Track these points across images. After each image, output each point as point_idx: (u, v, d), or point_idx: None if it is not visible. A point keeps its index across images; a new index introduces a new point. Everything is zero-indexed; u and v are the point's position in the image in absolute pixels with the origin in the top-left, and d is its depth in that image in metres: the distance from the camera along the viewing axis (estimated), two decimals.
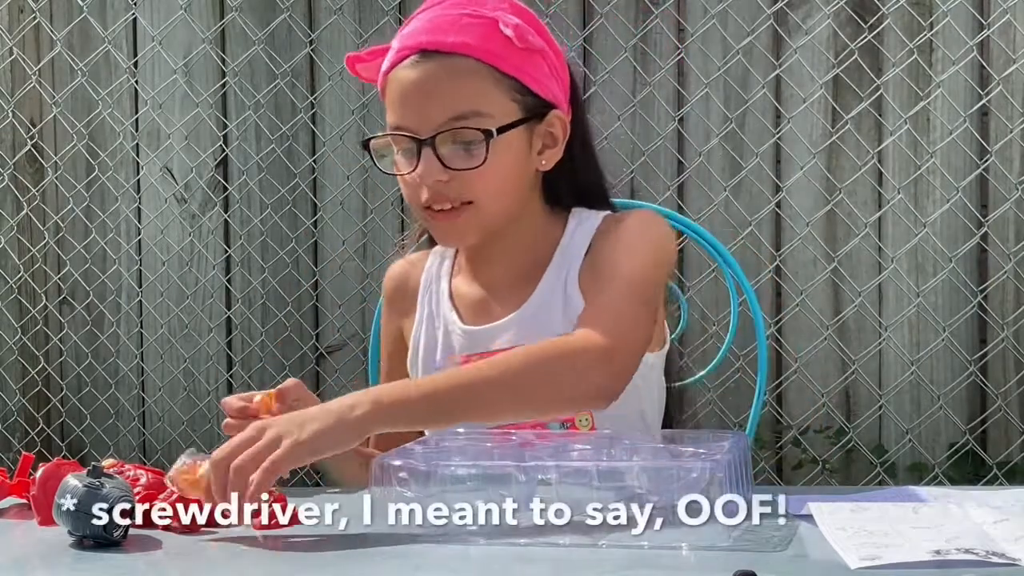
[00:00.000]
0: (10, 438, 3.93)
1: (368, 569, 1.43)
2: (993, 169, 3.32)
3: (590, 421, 1.88)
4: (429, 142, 1.82)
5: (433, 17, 1.86)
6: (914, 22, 3.35)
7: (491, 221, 1.87)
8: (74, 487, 1.47)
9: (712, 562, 1.41)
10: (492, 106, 1.83)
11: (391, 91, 1.86)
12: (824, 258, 3.40)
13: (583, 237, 1.91)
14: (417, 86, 1.83)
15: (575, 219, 1.93)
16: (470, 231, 1.87)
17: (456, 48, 1.83)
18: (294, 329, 3.70)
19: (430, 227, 1.91)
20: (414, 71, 1.84)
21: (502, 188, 1.85)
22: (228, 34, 3.75)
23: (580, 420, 1.88)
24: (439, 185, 1.83)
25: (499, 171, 1.83)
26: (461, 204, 1.84)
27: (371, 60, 1.92)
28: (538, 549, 1.46)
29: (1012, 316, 3.32)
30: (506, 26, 1.83)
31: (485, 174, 1.82)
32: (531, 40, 1.84)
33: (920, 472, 3.36)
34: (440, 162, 1.82)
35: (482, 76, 1.83)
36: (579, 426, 1.88)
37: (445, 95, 1.82)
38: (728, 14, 3.39)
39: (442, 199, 1.84)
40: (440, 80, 1.82)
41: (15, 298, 3.92)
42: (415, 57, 1.84)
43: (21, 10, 3.90)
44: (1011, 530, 1.44)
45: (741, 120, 3.44)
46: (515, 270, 1.92)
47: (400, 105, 1.84)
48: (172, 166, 3.79)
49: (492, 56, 1.83)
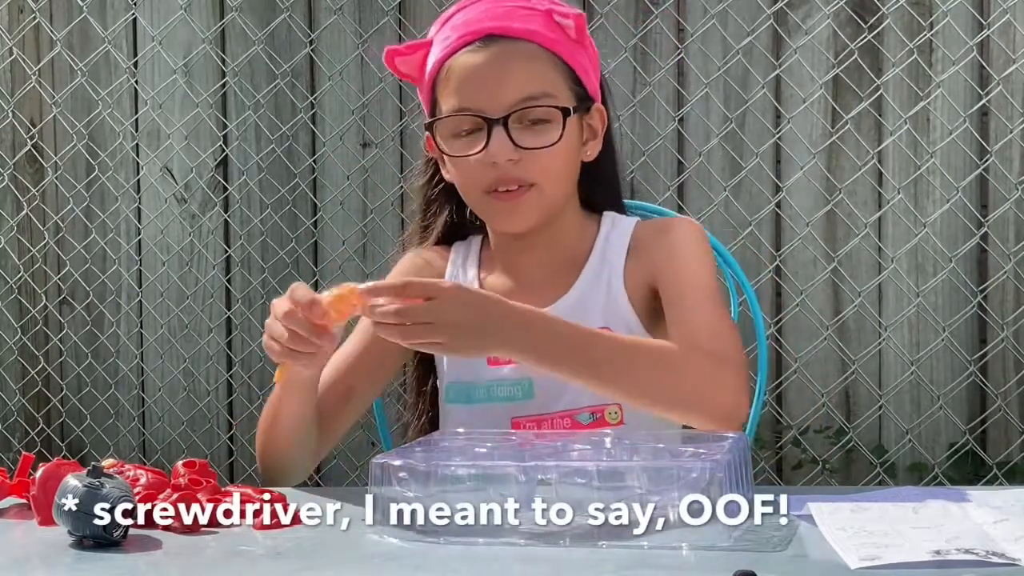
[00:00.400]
0: (10, 438, 3.93)
1: (368, 569, 1.43)
2: (993, 169, 3.32)
3: (619, 415, 1.89)
4: (502, 121, 1.85)
5: (489, 7, 1.90)
6: (914, 22, 3.35)
7: (551, 205, 1.91)
8: (74, 487, 1.47)
9: (712, 562, 1.41)
10: (557, 91, 1.88)
11: (454, 75, 1.88)
12: (824, 258, 3.40)
13: (619, 240, 1.94)
14: (488, 68, 1.86)
15: (608, 221, 1.98)
16: (532, 213, 1.90)
17: (523, 34, 1.88)
18: None
19: (490, 210, 1.91)
20: (483, 54, 1.87)
21: (563, 172, 1.90)
22: (228, 34, 3.75)
23: (609, 413, 1.89)
24: (508, 165, 1.85)
25: (563, 154, 1.88)
26: (525, 186, 1.87)
27: (411, 54, 1.94)
28: (538, 549, 1.46)
29: (1012, 316, 3.32)
30: (564, 17, 1.88)
31: (552, 155, 1.86)
32: (583, 34, 1.90)
33: (920, 472, 3.36)
34: (512, 141, 1.84)
35: (548, 62, 1.88)
36: (608, 419, 1.89)
37: (518, 76, 1.86)
38: (728, 14, 3.39)
39: (508, 180, 1.86)
40: (512, 62, 1.86)
41: (15, 298, 3.92)
42: (480, 42, 1.88)
43: (21, 10, 3.90)
44: (1011, 530, 1.44)
45: (741, 120, 3.44)
46: (551, 265, 1.95)
47: (467, 87, 1.87)
48: (172, 166, 3.79)
49: (554, 44, 1.89)
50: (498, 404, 1.90)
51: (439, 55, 1.90)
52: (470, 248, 2.02)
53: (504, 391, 1.90)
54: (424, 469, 1.53)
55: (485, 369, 1.91)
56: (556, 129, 1.86)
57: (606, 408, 1.89)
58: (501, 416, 1.90)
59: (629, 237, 1.95)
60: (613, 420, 1.89)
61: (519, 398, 1.90)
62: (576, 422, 1.88)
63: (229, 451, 3.79)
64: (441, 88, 1.90)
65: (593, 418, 1.88)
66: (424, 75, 1.93)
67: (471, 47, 1.88)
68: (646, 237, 1.95)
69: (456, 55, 1.88)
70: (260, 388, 3.71)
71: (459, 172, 1.90)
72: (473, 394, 1.92)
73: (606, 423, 1.89)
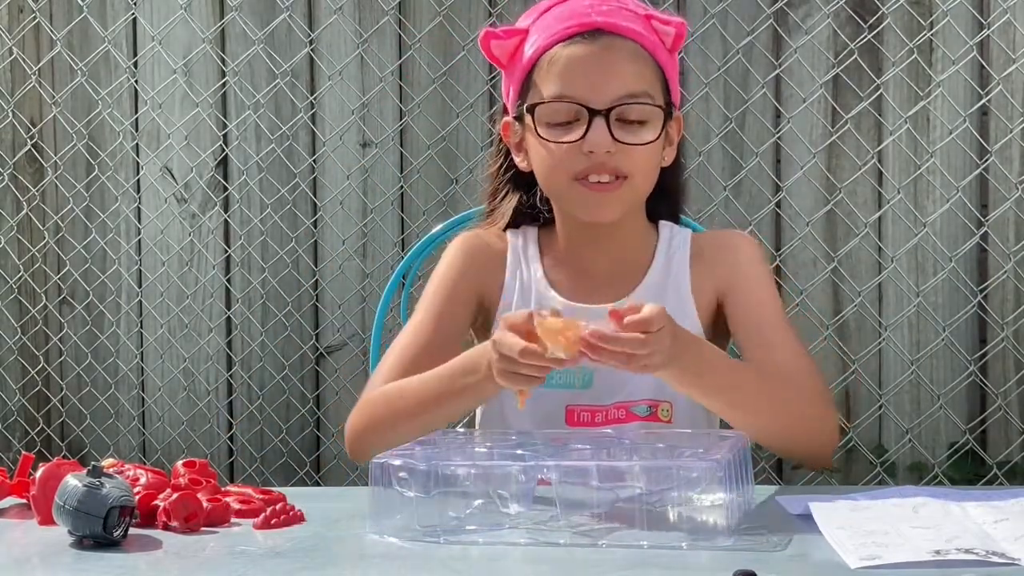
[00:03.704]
0: (10, 438, 3.93)
1: (368, 569, 1.43)
2: (993, 169, 3.32)
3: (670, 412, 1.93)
4: (604, 113, 1.88)
5: (593, 3, 1.95)
6: (914, 22, 3.35)
7: (637, 199, 1.96)
8: (74, 487, 1.47)
9: (712, 562, 1.41)
10: (654, 93, 1.92)
11: (559, 64, 1.91)
12: (824, 258, 3.40)
13: (682, 248, 2.00)
14: (595, 60, 1.90)
15: (667, 228, 2.03)
16: (621, 205, 1.93)
17: (629, 34, 1.92)
18: (294, 329, 3.70)
19: (578, 198, 1.93)
20: (591, 46, 1.91)
21: (653, 169, 1.95)
22: (228, 34, 3.75)
23: (662, 410, 1.93)
24: (604, 156, 1.88)
25: (654, 153, 1.93)
26: (618, 178, 1.90)
27: (507, 38, 1.98)
28: (538, 549, 1.46)
29: (1012, 316, 3.31)
30: (665, 24, 1.94)
31: (646, 152, 1.91)
32: (679, 43, 1.96)
33: (920, 472, 3.36)
34: (611, 134, 1.88)
35: (648, 64, 1.93)
36: (660, 416, 1.93)
37: (623, 73, 1.90)
38: (728, 14, 3.39)
39: (602, 170, 1.89)
40: (619, 58, 1.91)
41: (15, 298, 3.92)
42: (588, 35, 1.91)
43: (21, 10, 3.90)
44: (1011, 530, 1.44)
45: (741, 120, 3.44)
46: (617, 262, 1.99)
47: (573, 77, 1.90)
48: (172, 166, 3.79)
49: (654, 48, 1.94)
50: (554, 391, 1.91)
51: (542, 43, 1.93)
52: (527, 239, 2.03)
53: (564, 378, 1.92)
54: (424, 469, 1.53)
55: None
56: (654, 129, 1.91)
57: (660, 404, 1.92)
58: (556, 404, 1.92)
59: (689, 246, 1.99)
60: (665, 417, 1.93)
61: (576, 386, 1.93)
62: (632, 414, 1.91)
63: (229, 451, 3.79)
64: (541, 75, 1.93)
65: (649, 411, 1.92)
66: (515, 62, 1.97)
67: (578, 39, 1.92)
68: (707, 248, 2.00)
69: (561, 44, 1.92)
70: (260, 388, 3.71)
71: (549, 158, 1.92)
72: None
73: (658, 418, 1.92)
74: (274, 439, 3.71)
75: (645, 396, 1.91)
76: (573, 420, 1.92)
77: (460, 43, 3.54)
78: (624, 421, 1.90)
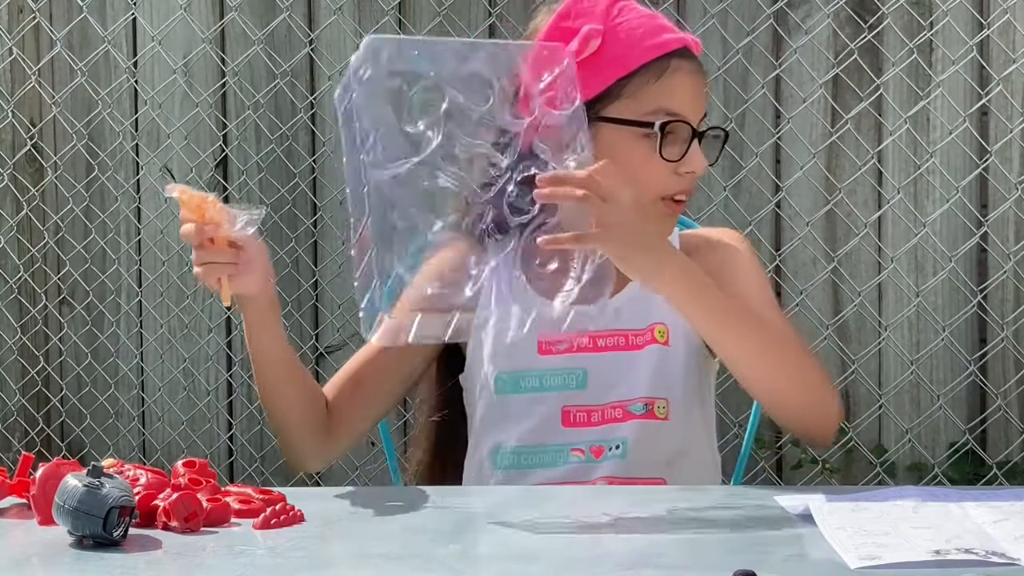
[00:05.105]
0: (10, 438, 3.93)
1: (368, 569, 1.43)
2: (993, 169, 3.32)
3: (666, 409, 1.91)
4: (702, 135, 1.89)
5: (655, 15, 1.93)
6: (914, 22, 3.35)
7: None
8: (74, 487, 1.47)
9: (712, 562, 1.41)
10: None
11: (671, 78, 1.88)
12: (824, 258, 3.40)
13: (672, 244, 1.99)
14: (695, 80, 1.91)
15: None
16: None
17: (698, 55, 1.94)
18: (294, 329, 3.69)
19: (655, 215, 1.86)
20: (692, 64, 1.91)
21: None
22: (228, 34, 3.75)
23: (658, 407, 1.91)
24: (691, 178, 1.89)
25: None
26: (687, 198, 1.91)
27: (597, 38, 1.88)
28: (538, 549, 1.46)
29: (1012, 316, 3.31)
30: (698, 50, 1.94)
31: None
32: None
33: (920, 472, 3.36)
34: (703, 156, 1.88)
35: None
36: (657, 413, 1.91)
37: (705, 97, 1.93)
38: (728, 14, 3.39)
39: (687, 192, 1.89)
40: (703, 81, 1.93)
41: (15, 298, 3.92)
42: (684, 52, 1.91)
43: (21, 10, 3.90)
44: (1011, 530, 1.44)
45: (741, 120, 3.44)
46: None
47: (682, 94, 1.89)
48: (172, 166, 3.79)
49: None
50: (551, 393, 1.92)
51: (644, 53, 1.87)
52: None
53: (557, 380, 1.92)
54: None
55: (536, 358, 1.92)
56: (717, 147, 1.93)
57: (656, 401, 1.90)
58: (552, 406, 1.91)
59: (678, 244, 1.96)
60: (661, 414, 1.91)
61: (572, 387, 1.92)
62: (628, 412, 1.90)
63: (229, 451, 3.79)
64: (643, 86, 1.87)
65: (645, 409, 1.90)
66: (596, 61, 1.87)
67: (681, 53, 1.90)
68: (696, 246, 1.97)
69: (672, 56, 1.89)
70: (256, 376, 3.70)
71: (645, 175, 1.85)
72: (524, 383, 1.93)
73: (655, 415, 1.90)
74: (274, 439, 3.70)
75: (640, 394, 1.90)
76: (569, 421, 1.92)
77: None
78: (621, 420, 1.90)
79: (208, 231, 1.83)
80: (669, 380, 1.91)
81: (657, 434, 1.90)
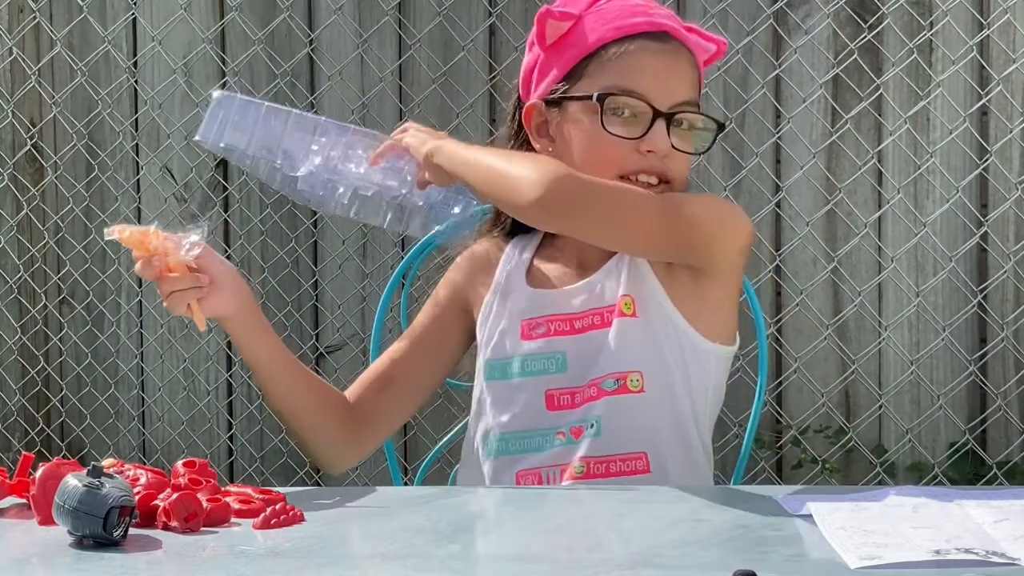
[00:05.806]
0: (10, 438, 3.93)
1: (368, 569, 1.43)
2: (993, 169, 3.32)
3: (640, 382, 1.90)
4: (667, 116, 1.90)
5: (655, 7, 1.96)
6: (914, 22, 3.35)
7: None
8: (74, 487, 1.47)
9: (712, 562, 1.41)
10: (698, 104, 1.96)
11: (630, 58, 1.91)
12: (824, 258, 3.40)
13: None
14: (667, 62, 1.92)
15: None
16: None
17: (688, 43, 1.95)
18: (294, 329, 3.70)
19: None
20: (662, 47, 1.92)
21: (687, 177, 1.97)
22: (228, 34, 3.75)
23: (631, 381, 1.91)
24: (655, 158, 1.90)
25: (692, 160, 1.97)
26: (662, 182, 1.92)
27: (562, 20, 1.94)
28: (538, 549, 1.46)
29: (1012, 316, 3.31)
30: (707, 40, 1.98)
31: (689, 160, 1.94)
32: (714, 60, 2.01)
33: (920, 472, 3.36)
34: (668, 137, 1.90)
35: (698, 76, 1.97)
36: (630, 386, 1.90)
37: (686, 80, 1.93)
38: (728, 14, 3.39)
39: (652, 171, 1.91)
40: (683, 64, 1.94)
41: (15, 298, 3.92)
42: (659, 35, 1.92)
43: (21, 10, 3.90)
44: (1011, 530, 1.44)
45: (741, 120, 3.44)
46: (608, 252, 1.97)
47: (641, 73, 1.91)
48: (172, 166, 3.79)
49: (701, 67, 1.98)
50: (532, 378, 1.93)
51: (607, 33, 1.92)
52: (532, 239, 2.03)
53: (538, 365, 1.94)
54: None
55: (519, 344, 1.95)
56: (705, 139, 1.94)
57: (628, 376, 1.90)
58: (535, 391, 1.93)
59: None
60: (635, 387, 1.90)
61: (552, 371, 1.93)
62: (602, 390, 1.90)
63: (229, 451, 3.79)
64: (602, 65, 1.92)
65: (617, 384, 1.90)
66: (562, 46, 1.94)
67: (646, 37, 1.92)
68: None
69: (634, 38, 1.91)
70: (260, 388, 3.70)
71: (598, 150, 1.91)
72: (509, 369, 1.95)
73: (628, 390, 1.90)
74: (274, 439, 3.71)
75: (611, 369, 1.89)
76: (554, 405, 1.92)
77: (460, 43, 3.54)
78: (596, 399, 1.89)
79: (158, 262, 1.82)
80: (639, 351, 1.90)
81: (633, 408, 1.89)
